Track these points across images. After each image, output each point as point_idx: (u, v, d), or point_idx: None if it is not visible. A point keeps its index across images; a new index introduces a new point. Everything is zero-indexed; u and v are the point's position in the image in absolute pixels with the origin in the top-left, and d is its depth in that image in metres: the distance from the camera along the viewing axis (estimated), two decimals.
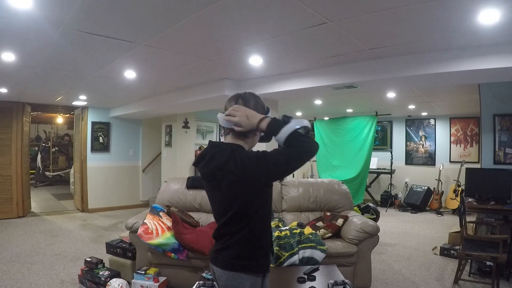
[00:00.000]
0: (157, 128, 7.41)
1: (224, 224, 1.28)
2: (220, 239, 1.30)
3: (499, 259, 2.84)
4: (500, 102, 3.89)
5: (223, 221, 1.28)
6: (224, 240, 1.28)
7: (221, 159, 1.23)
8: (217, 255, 1.30)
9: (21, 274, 3.34)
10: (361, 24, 2.32)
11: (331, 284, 2.02)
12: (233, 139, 1.32)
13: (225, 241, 1.27)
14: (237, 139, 1.32)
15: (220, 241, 1.30)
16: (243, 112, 1.26)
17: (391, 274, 3.50)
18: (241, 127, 1.26)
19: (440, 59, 2.82)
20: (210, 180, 1.30)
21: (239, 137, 1.32)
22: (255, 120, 1.24)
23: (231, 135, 1.33)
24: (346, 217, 3.29)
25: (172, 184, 3.85)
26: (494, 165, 3.89)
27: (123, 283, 2.87)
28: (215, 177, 1.27)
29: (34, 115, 8.26)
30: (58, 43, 2.75)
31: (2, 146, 5.80)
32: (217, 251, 1.31)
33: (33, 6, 2.07)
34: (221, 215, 1.29)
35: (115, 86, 4.55)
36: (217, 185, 1.27)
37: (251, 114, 1.25)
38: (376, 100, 5.78)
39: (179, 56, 3.16)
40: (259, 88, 4.08)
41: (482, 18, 2.13)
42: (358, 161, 6.00)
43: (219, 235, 1.31)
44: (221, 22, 2.35)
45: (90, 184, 6.68)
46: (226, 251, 1.27)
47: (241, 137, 1.31)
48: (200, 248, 2.84)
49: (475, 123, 6.94)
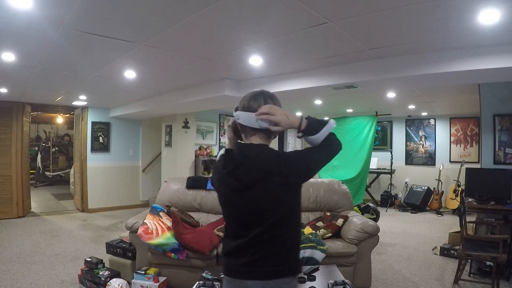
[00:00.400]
0: (157, 128, 7.40)
1: (261, 233, 1.17)
2: (251, 248, 1.18)
3: (499, 259, 2.84)
4: (500, 102, 3.89)
5: (259, 229, 1.17)
6: (258, 248, 1.17)
7: (267, 163, 1.17)
8: (251, 268, 1.18)
9: (21, 274, 3.34)
10: (361, 24, 2.32)
11: (331, 284, 2.02)
12: (262, 139, 1.25)
13: (260, 250, 1.17)
14: (265, 139, 1.26)
15: (250, 251, 1.18)
16: (283, 112, 1.20)
17: (391, 274, 3.50)
18: (280, 127, 1.20)
19: (440, 59, 2.82)
20: (249, 187, 1.17)
21: (267, 137, 1.27)
22: (295, 120, 1.21)
23: (258, 135, 1.25)
24: (346, 217, 3.29)
25: (172, 184, 3.85)
26: (494, 165, 3.89)
27: (123, 283, 2.87)
28: (258, 183, 1.16)
29: (34, 115, 8.27)
30: (58, 43, 2.75)
31: (2, 146, 5.80)
32: (249, 263, 1.18)
33: (33, 6, 2.07)
34: (255, 224, 1.18)
35: (115, 86, 4.55)
36: (258, 192, 1.16)
37: (288, 113, 1.21)
38: (376, 100, 5.78)
39: (179, 56, 3.16)
40: (259, 88, 4.07)
41: (482, 18, 2.13)
42: (358, 161, 6.00)
43: (250, 245, 1.18)
44: (221, 22, 2.35)
45: (90, 184, 6.68)
46: (265, 260, 1.18)
47: (268, 137, 1.27)
48: (200, 248, 2.84)
49: (475, 123, 6.94)
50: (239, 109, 1.29)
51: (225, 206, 1.28)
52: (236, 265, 1.21)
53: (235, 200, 1.22)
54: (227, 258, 1.26)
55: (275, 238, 1.18)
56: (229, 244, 1.25)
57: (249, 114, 1.23)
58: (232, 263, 1.23)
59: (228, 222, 1.28)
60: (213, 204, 3.68)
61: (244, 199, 1.19)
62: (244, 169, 1.18)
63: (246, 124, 1.24)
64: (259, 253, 1.18)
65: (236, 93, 4.31)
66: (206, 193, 3.74)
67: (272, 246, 1.18)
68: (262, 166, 1.17)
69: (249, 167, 1.18)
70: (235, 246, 1.22)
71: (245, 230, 1.20)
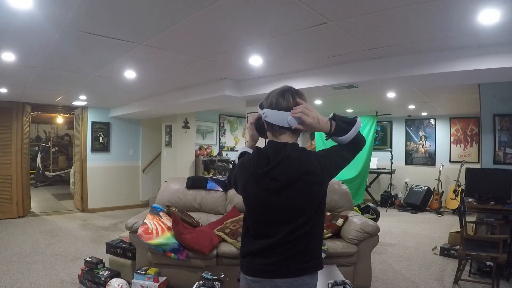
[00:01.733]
0: (157, 128, 7.41)
1: (292, 231, 1.17)
2: (281, 247, 1.18)
3: (499, 259, 2.84)
4: (500, 102, 3.89)
5: (291, 227, 1.17)
6: (289, 246, 1.18)
7: (304, 162, 1.17)
8: (282, 266, 1.18)
9: (21, 274, 3.34)
10: (361, 24, 2.32)
11: (331, 284, 2.02)
12: (292, 138, 1.26)
13: (291, 248, 1.18)
14: (295, 138, 1.27)
15: (280, 249, 1.18)
16: (315, 114, 1.20)
17: (391, 274, 3.50)
18: (309, 128, 1.22)
19: (440, 59, 2.82)
20: (287, 186, 1.16)
21: (296, 135, 1.28)
22: (325, 125, 1.22)
23: (289, 134, 1.25)
24: (346, 217, 3.28)
25: (172, 184, 3.85)
26: (494, 165, 3.89)
27: (123, 283, 2.87)
28: (295, 182, 1.16)
29: (34, 115, 8.26)
30: (58, 43, 2.75)
31: (2, 146, 5.80)
32: (278, 262, 1.18)
33: (33, 6, 2.07)
34: (286, 222, 1.18)
35: (115, 86, 4.55)
36: (294, 191, 1.17)
37: (320, 116, 1.22)
38: (376, 100, 5.78)
39: (179, 56, 3.16)
40: (259, 88, 4.08)
41: (482, 18, 2.13)
42: (358, 161, 5.98)
43: (280, 244, 1.18)
44: (221, 22, 2.35)
45: (90, 184, 6.68)
46: (295, 257, 1.19)
47: (297, 135, 1.28)
48: (200, 248, 2.84)
49: (475, 123, 6.94)
50: (265, 107, 1.26)
51: (252, 206, 1.25)
52: (264, 264, 1.20)
53: (268, 200, 1.19)
54: (251, 258, 1.23)
55: (305, 235, 1.18)
56: (252, 244, 1.23)
57: (278, 112, 1.21)
58: (258, 263, 1.21)
59: (253, 222, 1.25)
60: (213, 204, 3.69)
61: (279, 199, 1.18)
62: (282, 169, 1.16)
63: (274, 122, 1.23)
64: (290, 251, 1.18)
65: (236, 93, 4.31)
66: (206, 193, 3.74)
67: (303, 243, 1.19)
68: (301, 166, 1.16)
69: (287, 167, 1.16)
70: (263, 245, 1.20)
71: (274, 229, 1.19)
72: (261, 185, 1.19)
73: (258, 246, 1.21)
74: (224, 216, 3.53)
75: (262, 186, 1.19)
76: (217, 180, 3.85)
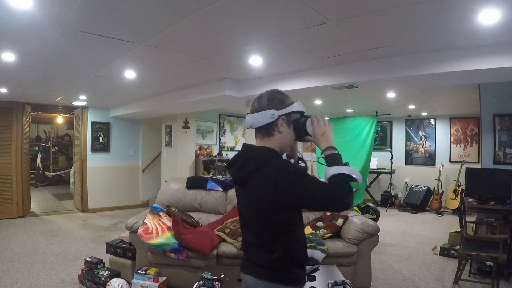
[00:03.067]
0: (157, 128, 7.41)
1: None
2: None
3: (499, 259, 2.84)
4: (500, 102, 3.89)
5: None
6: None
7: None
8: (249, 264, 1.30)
9: (21, 274, 3.34)
10: (361, 24, 2.32)
11: (331, 284, 2.02)
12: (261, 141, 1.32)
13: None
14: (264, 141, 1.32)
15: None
16: (327, 130, 1.26)
17: (391, 274, 3.50)
18: (312, 141, 1.28)
19: (440, 59, 2.82)
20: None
21: (266, 140, 1.31)
22: (326, 143, 1.26)
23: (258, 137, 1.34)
24: (346, 217, 3.29)
25: (172, 184, 3.85)
26: (494, 165, 3.89)
27: (123, 283, 2.87)
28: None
29: (34, 115, 8.26)
30: (58, 43, 2.75)
31: (2, 146, 5.80)
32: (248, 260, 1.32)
33: (33, 6, 2.07)
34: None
35: (115, 86, 4.55)
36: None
37: (329, 135, 1.27)
38: (376, 100, 5.78)
39: (179, 56, 3.16)
40: (259, 88, 4.07)
41: (482, 18, 2.13)
42: (358, 161, 5.99)
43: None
44: (221, 22, 2.35)
45: (90, 184, 6.68)
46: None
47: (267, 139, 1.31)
48: (200, 248, 2.84)
49: (475, 123, 6.94)
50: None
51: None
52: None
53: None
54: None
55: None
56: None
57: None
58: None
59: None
60: (213, 204, 3.69)
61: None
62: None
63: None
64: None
65: (236, 93, 4.31)
66: (206, 193, 3.74)
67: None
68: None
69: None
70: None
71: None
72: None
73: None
74: (224, 216, 3.53)
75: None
76: (217, 180, 3.85)
